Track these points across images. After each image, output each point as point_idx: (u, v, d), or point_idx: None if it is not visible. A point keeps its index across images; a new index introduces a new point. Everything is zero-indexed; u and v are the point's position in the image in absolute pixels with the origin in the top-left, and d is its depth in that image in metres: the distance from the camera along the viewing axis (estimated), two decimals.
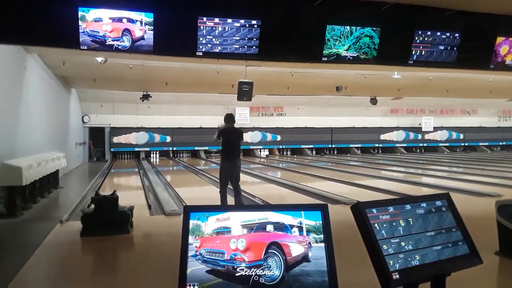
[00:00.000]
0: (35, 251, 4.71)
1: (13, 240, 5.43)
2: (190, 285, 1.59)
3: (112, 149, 21.35)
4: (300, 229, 1.70)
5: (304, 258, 1.64)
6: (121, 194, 5.74)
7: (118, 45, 5.77)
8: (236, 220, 1.70)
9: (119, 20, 5.73)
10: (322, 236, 1.69)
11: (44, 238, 5.25)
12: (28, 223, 6.40)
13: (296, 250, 1.65)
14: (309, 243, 1.67)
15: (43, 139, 10.76)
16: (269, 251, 1.64)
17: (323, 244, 1.68)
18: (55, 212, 7.31)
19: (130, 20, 5.76)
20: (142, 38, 5.83)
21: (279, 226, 1.69)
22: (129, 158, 21.68)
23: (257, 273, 1.60)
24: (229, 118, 7.38)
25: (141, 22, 5.79)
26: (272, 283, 1.60)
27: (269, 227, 1.69)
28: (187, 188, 11.18)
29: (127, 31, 5.77)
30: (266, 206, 1.79)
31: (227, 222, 1.70)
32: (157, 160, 21.47)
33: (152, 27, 5.80)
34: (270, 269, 1.61)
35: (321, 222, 1.72)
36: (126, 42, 5.80)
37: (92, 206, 5.53)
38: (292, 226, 1.70)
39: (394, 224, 1.80)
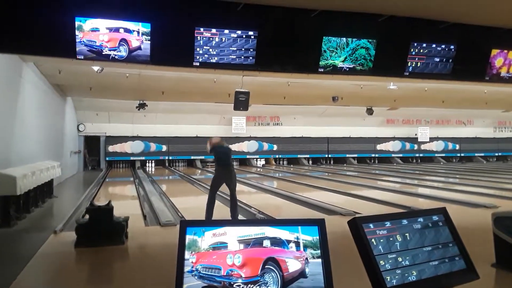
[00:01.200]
0: (29, 262, 4.65)
1: (7, 251, 5.38)
2: None
3: (107, 158, 21.27)
4: (297, 244, 1.68)
5: (301, 274, 1.63)
6: (116, 204, 5.70)
7: (115, 55, 5.78)
8: (232, 235, 1.69)
9: (116, 30, 5.74)
10: (319, 251, 1.68)
11: (38, 248, 5.19)
12: (22, 233, 6.35)
13: (293, 266, 1.63)
14: (306, 258, 1.66)
15: (38, 148, 10.71)
16: (266, 266, 1.62)
17: (320, 260, 1.66)
18: (49, 222, 7.25)
19: (127, 30, 5.77)
20: (139, 48, 5.84)
21: (276, 241, 1.68)
22: (125, 167, 21.58)
23: None
24: (219, 143, 7.61)
25: (138, 32, 5.81)
26: None
27: (266, 242, 1.68)
28: (183, 198, 11.14)
29: (124, 41, 5.78)
30: (263, 221, 1.78)
31: (223, 237, 1.68)
32: (153, 169, 21.40)
33: (149, 37, 5.82)
34: (267, 285, 1.59)
35: (318, 237, 1.71)
36: (123, 52, 5.81)
37: (87, 216, 5.49)
38: (289, 242, 1.68)
39: (391, 239, 1.79)
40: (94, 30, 5.63)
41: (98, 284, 4.26)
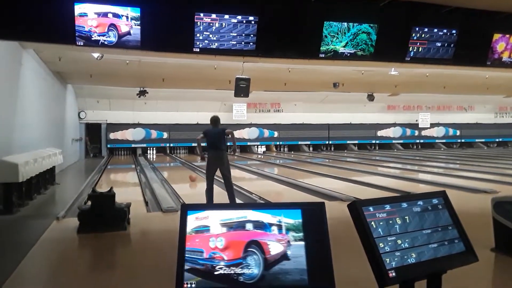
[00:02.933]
0: (32, 248, 4.70)
1: (10, 237, 5.42)
2: (187, 283, 1.59)
3: (108, 145, 21.30)
4: (279, 227, 1.69)
5: (284, 256, 1.64)
6: (118, 190, 5.73)
7: (104, 40, 5.68)
8: (215, 218, 1.70)
9: (105, 15, 5.61)
10: (301, 234, 1.69)
11: (40, 235, 5.24)
12: (24, 220, 6.39)
13: (275, 248, 1.65)
14: (288, 241, 1.67)
15: (40, 135, 10.72)
16: (248, 249, 1.64)
17: (302, 243, 1.67)
18: (51, 209, 7.29)
19: (115, 15, 5.65)
20: (129, 33, 5.74)
21: (259, 225, 1.69)
22: (126, 155, 21.64)
23: (236, 272, 1.60)
24: (214, 120, 7.29)
25: (127, 17, 5.70)
26: (251, 281, 1.59)
27: (249, 226, 1.69)
28: (184, 184, 11.17)
29: (113, 26, 5.67)
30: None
31: (205, 221, 1.69)
32: (154, 156, 21.44)
33: (139, 22, 5.71)
34: (249, 268, 1.60)
35: (300, 220, 1.71)
36: (113, 38, 5.70)
37: (89, 202, 5.53)
38: (271, 225, 1.69)
39: (390, 222, 1.80)
40: (82, 15, 5.53)
41: (100, 269, 4.31)
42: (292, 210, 1.74)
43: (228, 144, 7.39)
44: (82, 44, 5.65)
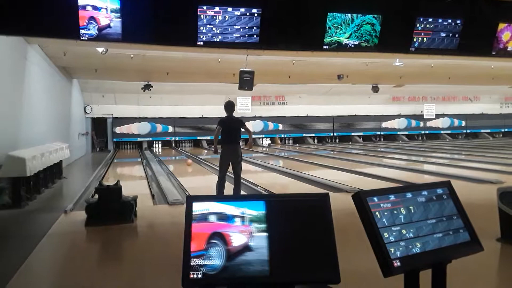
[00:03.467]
0: (40, 241, 4.76)
1: (18, 231, 5.49)
2: (193, 274, 1.62)
3: (114, 139, 21.41)
4: (243, 219, 1.71)
5: (246, 247, 1.66)
6: (124, 184, 5.79)
7: (84, 33, 5.56)
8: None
9: (83, 7, 5.47)
10: (264, 225, 1.70)
11: (49, 228, 5.31)
12: (33, 214, 6.46)
13: (238, 239, 1.66)
14: (251, 232, 1.68)
15: (46, 129, 10.79)
16: (211, 241, 1.65)
17: (265, 234, 1.69)
18: (59, 202, 7.37)
19: (95, 8, 5.50)
20: (109, 26, 5.61)
21: (222, 217, 1.71)
22: (132, 148, 21.75)
23: (198, 263, 1.61)
24: (229, 106, 7.22)
25: (106, 10, 5.56)
26: (213, 272, 1.61)
27: (212, 218, 1.70)
28: (190, 177, 11.24)
29: (92, 19, 5.59)
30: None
31: None
32: (160, 150, 21.53)
33: (119, 15, 5.60)
34: (211, 259, 1.62)
35: (263, 212, 1.73)
36: (93, 31, 5.60)
37: (96, 196, 5.58)
38: (234, 216, 1.71)
39: (395, 212, 1.81)
40: None
41: (108, 261, 4.36)
42: (255, 201, 1.76)
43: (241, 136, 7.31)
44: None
